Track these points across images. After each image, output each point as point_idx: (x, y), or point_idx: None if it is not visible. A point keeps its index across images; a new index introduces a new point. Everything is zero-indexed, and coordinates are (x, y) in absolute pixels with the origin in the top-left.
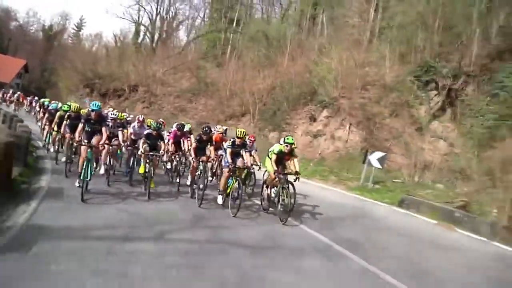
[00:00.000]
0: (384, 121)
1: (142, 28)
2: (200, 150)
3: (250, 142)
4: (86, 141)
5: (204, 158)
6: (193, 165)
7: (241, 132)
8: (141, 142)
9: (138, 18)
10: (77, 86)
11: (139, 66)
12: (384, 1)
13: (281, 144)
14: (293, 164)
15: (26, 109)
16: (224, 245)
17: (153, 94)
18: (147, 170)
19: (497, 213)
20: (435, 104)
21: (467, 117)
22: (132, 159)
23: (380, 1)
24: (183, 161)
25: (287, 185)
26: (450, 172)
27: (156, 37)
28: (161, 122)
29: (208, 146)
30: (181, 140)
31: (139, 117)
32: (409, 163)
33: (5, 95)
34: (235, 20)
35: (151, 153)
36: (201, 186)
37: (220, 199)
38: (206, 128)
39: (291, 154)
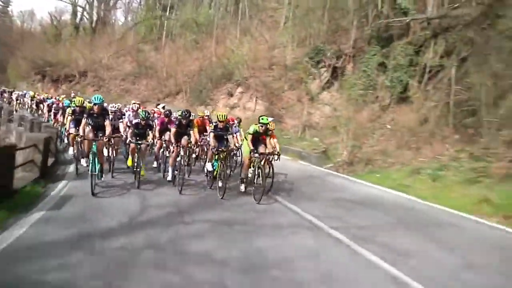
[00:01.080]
0: (284, 94)
1: (79, 9)
2: (180, 135)
3: (231, 125)
4: (91, 135)
5: (184, 142)
6: (173, 151)
7: (221, 115)
8: (129, 132)
9: None
10: (28, 73)
11: (86, 53)
12: None
13: (256, 125)
14: (271, 143)
15: None
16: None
17: (101, 79)
18: (135, 161)
19: (343, 155)
20: (324, 78)
21: (346, 88)
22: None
23: None
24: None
25: (262, 165)
26: (326, 129)
27: (94, 18)
28: (149, 111)
29: (189, 130)
30: (169, 126)
31: (133, 107)
32: (297, 124)
33: None
34: (169, 7)
35: (139, 142)
36: (180, 172)
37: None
38: (185, 112)
39: (266, 133)
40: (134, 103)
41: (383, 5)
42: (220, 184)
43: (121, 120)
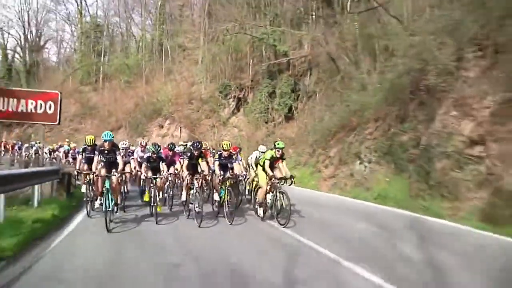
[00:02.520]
0: (201, 122)
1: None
2: (192, 166)
3: (234, 154)
4: (103, 172)
5: (197, 175)
6: (187, 183)
7: (226, 144)
8: (143, 167)
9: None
10: None
11: None
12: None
13: (271, 150)
14: (283, 168)
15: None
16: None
17: None
18: (151, 195)
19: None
20: (232, 107)
21: (248, 113)
22: (142, 182)
23: (206, 34)
24: (178, 182)
25: (282, 189)
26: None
27: (28, 61)
28: (159, 145)
29: (200, 161)
30: (174, 159)
31: (141, 142)
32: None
33: None
34: (102, 53)
35: (154, 176)
36: (198, 204)
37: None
38: (197, 144)
39: (282, 158)
40: (143, 139)
41: (266, 51)
42: (226, 209)
43: (132, 157)
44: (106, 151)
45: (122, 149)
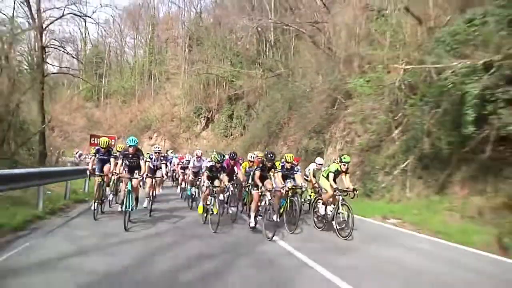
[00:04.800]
0: (180, 135)
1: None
2: (263, 178)
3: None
4: (125, 174)
5: (269, 186)
6: (257, 195)
7: (290, 157)
8: (204, 176)
9: None
10: None
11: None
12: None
13: (337, 163)
14: (346, 181)
15: None
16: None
17: (65, 132)
18: (208, 203)
19: None
20: (203, 124)
21: (215, 129)
22: (192, 189)
23: (186, 63)
24: (235, 191)
25: (345, 202)
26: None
27: None
28: (223, 154)
29: (272, 172)
30: (234, 170)
31: (197, 152)
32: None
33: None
34: (104, 76)
35: (214, 185)
36: (274, 217)
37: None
38: (271, 155)
39: (346, 171)
40: (198, 150)
41: (227, 84)
42: (284, 219)
43: (164, 162)
44: (130, 155)
45: (155, 152)
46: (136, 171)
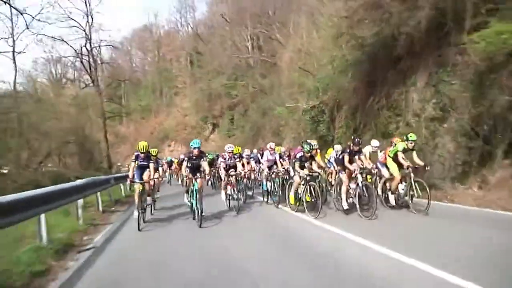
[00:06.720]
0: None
1: None
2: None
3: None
4: (190, 174)
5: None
6: (346, 178)
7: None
8: (296, 165)
9: None
10: None
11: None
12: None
13: (404, 141)
14: (415, 157)
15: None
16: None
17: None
18: (312, 193)
19: None
20: (210, 129)
21: (220, 132)
22: (268, 183)
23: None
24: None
25: (417, 178)
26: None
27: None
28: (314, 144)
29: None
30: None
31: (270, 145)
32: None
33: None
34: (123, 97)
35: (309, 173)
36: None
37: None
38: (358, 139)
39: (413, 149)
40: (272, 143)
41: (226, 94)
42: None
43: (238, 160)
44: (194, 157)
45: (228, 152)
46: (198, 173)
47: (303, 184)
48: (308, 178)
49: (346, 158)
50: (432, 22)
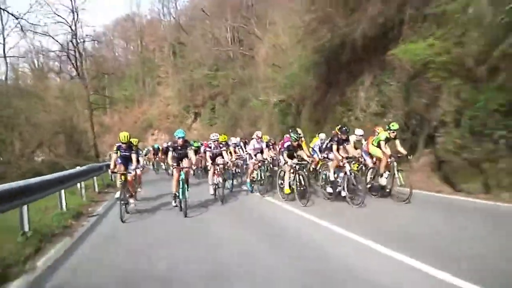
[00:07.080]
0: (175, 129)
1: None
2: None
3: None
4: (175, 164)
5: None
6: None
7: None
8: (284, 154)
9: None
10: None
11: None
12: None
13: (387, 131)
14: (398, 145)
15: None
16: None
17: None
18: (302, 182)
19: None
20: (193, 118)
21: (201, 121)
22: (255, 172)
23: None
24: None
25: (400, 168)
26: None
27: None
28: (300, 133)
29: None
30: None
31: (257, 134)
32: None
33: None
34: (105, 87)
35: (298, 162)
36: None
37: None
38: (345, 128)
39: (395, 138)
40: (259, 131)
41: (207, 84)
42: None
43: (223, 148)
44: (179, 147)
45: (213, 141)
46: (184, 160)
47: (292, 173)
48: (297, 167)
49: (335, 147)
50: (378, 30)
